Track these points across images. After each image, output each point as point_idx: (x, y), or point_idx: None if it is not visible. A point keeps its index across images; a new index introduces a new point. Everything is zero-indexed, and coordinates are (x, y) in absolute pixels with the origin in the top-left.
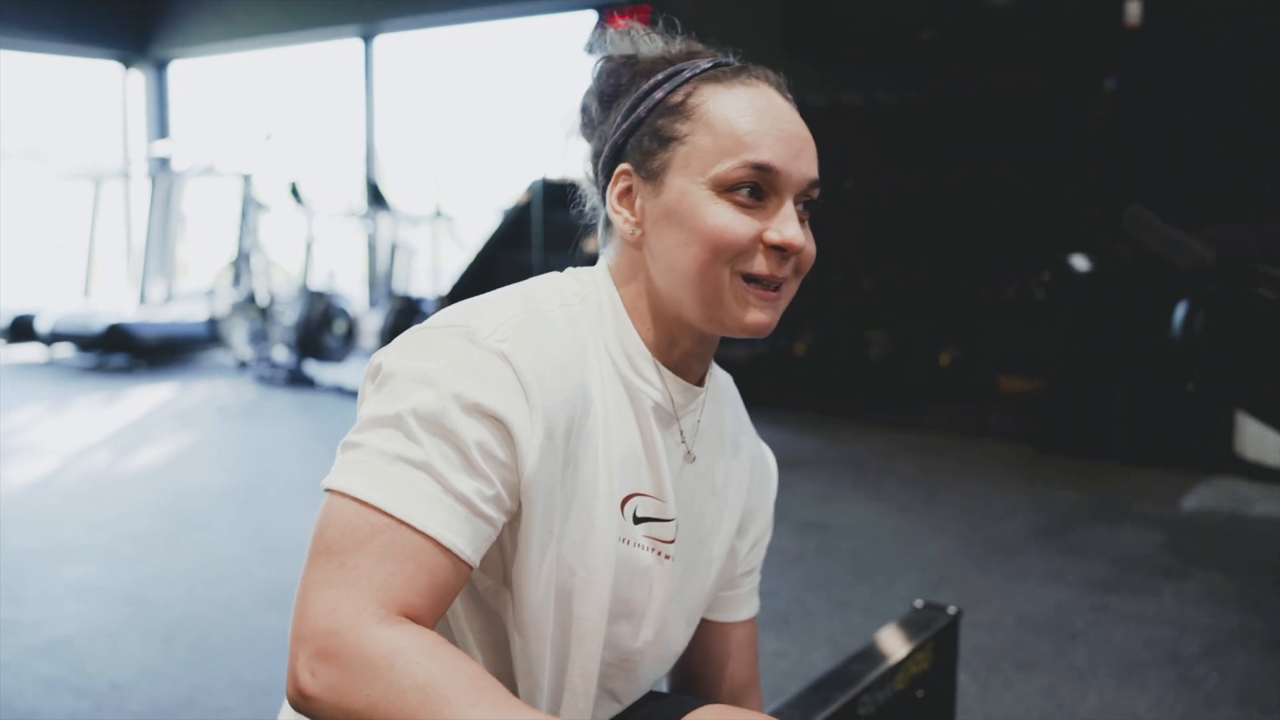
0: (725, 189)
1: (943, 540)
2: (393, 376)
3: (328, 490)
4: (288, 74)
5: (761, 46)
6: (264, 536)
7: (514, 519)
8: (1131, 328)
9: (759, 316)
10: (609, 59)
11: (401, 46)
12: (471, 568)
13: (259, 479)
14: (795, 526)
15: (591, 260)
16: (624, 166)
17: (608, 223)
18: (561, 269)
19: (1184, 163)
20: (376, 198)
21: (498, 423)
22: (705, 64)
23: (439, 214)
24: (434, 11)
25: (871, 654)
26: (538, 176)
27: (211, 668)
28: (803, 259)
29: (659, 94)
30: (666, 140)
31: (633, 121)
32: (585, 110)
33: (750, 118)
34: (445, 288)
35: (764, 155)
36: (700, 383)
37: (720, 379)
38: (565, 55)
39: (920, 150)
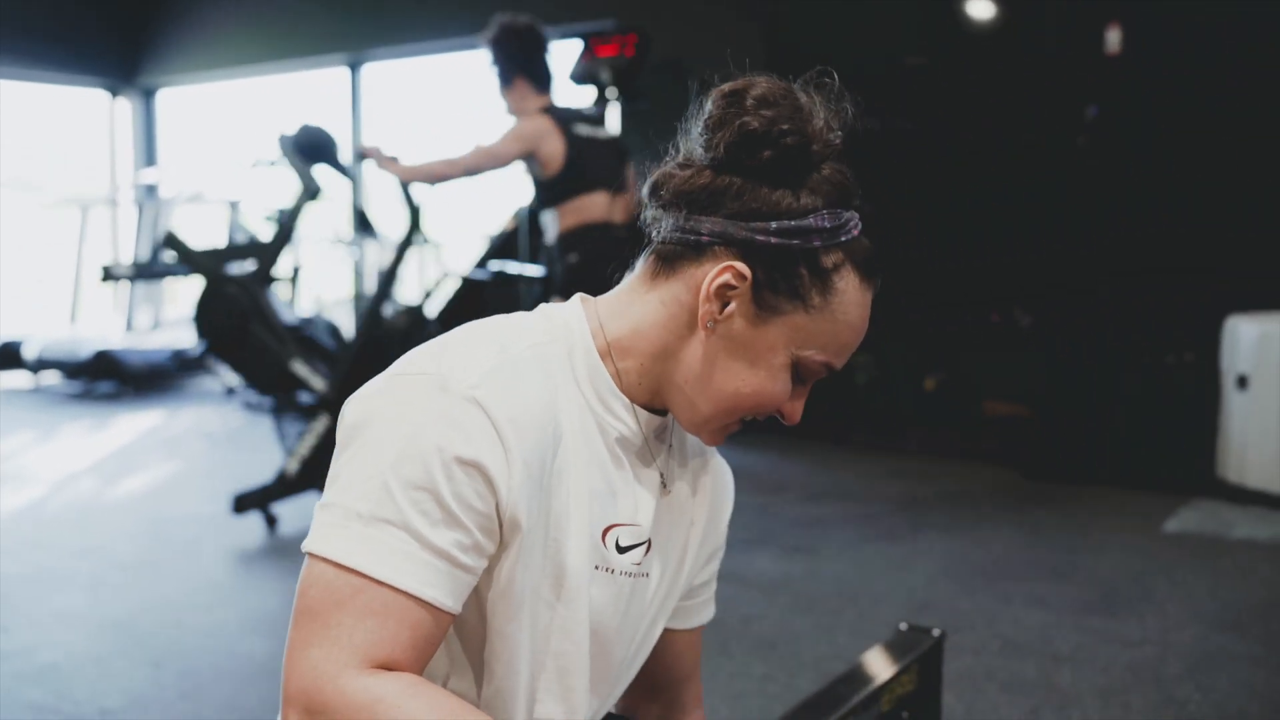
0: (798, 365)
1: (928, 563)
2: (366, 428)
3: (307, 554)
4: (275, 101)
5: (745, 73)
6: (251, 563)
7: (493, 558)
8: (1116, 354)
9: (719, 441)
10: (737, 95)
11: (388, 74)
12: (454, 616)
13: None
14: (781, 551)
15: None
16: (743, 267)
17: (666, 256)
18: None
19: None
20: (363, 224)
21: (475, 471)
22: (854, 226)
23: (425, 241)
24: (420, 40)
25: (857, 676)
26: (523, 203)
27: (200, 694)
28: None
29: (816, 241)
30: (796, 295)
31: (780, 244)
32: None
33: (857, 330)
34: (431, 314)
35: (839, 363)
36: (665, 411)
37: None
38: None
39: (904, 176)
